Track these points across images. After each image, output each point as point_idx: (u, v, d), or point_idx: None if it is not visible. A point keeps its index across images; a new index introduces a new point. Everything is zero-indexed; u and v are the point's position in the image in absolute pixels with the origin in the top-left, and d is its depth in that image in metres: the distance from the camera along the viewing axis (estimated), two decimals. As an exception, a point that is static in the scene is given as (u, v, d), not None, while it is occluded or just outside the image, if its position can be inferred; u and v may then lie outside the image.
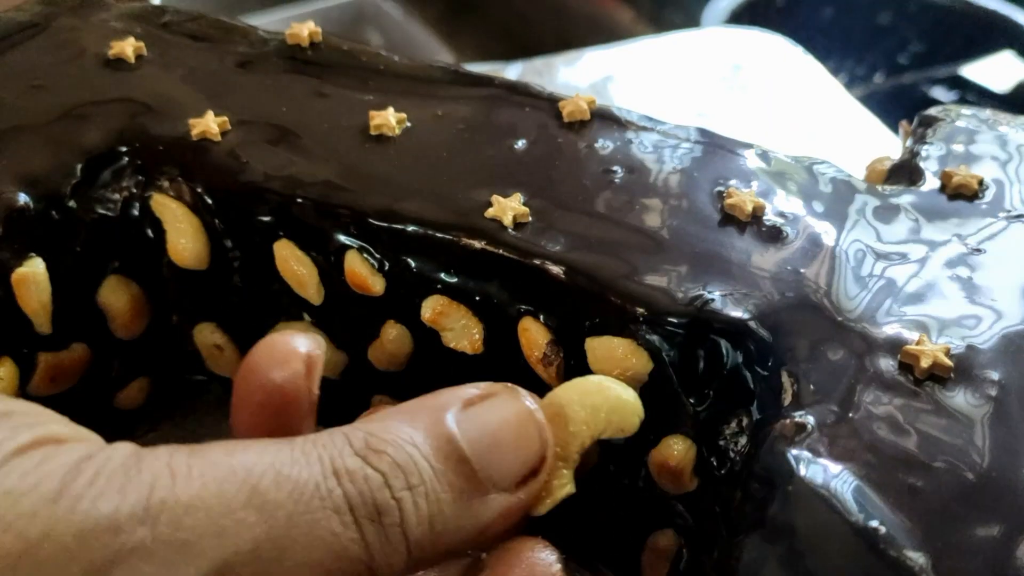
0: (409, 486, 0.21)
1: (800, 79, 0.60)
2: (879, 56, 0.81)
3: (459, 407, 0.22)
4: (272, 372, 0.22)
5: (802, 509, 0.23)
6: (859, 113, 0.57)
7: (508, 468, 0.22)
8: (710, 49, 0.62)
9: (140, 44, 0.35)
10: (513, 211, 0.29)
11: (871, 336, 0.27)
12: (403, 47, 0.84)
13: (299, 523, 0.19)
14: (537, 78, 0.57)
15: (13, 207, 0.30)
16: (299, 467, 0.20)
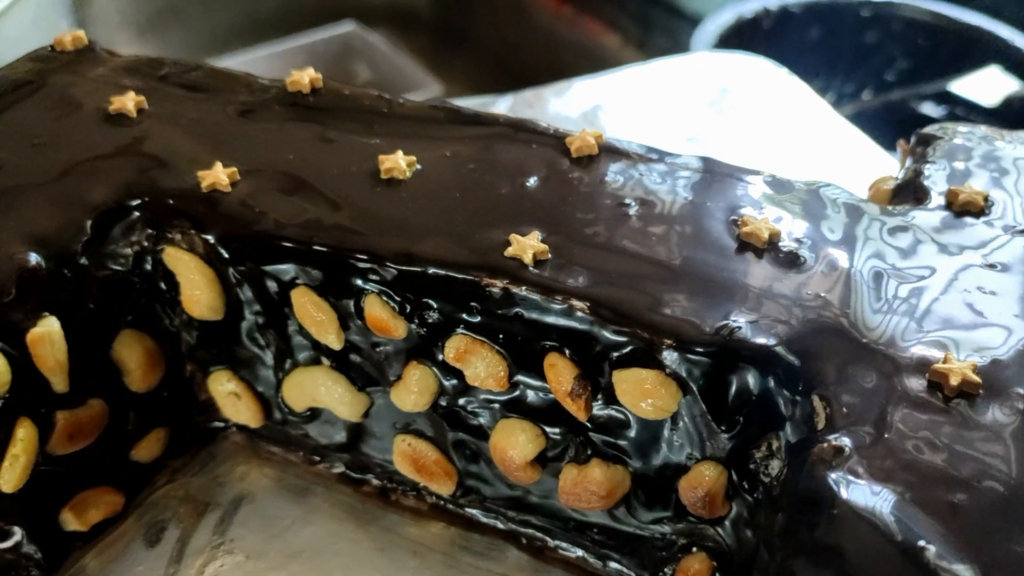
0: None
1: (788, 100, 0.61)
2: (867, 74, 0.82)
3: None
4: None
5: (848, 531, 0.23)
6: (849, 132, 0.58)
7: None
8: (697, 74, 0.63)
9: (141, 98, 0.35)
10: (533, 249, 0.29)
11: (897, 357, 0.27)
12: (392, 80, 0.84)
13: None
14: (528, 110, 0.57)
15: (25, 267, 0.29)
16: None
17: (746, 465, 0.30)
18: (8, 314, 0.29)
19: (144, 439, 0.36)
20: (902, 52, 0.81)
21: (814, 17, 0.82)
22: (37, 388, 0.31)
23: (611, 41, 0.86)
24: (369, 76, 0.88)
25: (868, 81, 0.81)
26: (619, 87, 0.61)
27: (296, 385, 0.34)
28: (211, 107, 0.35)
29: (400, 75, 0.84)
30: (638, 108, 0.59)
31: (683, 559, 0.32)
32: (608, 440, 0.31)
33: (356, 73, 0.89)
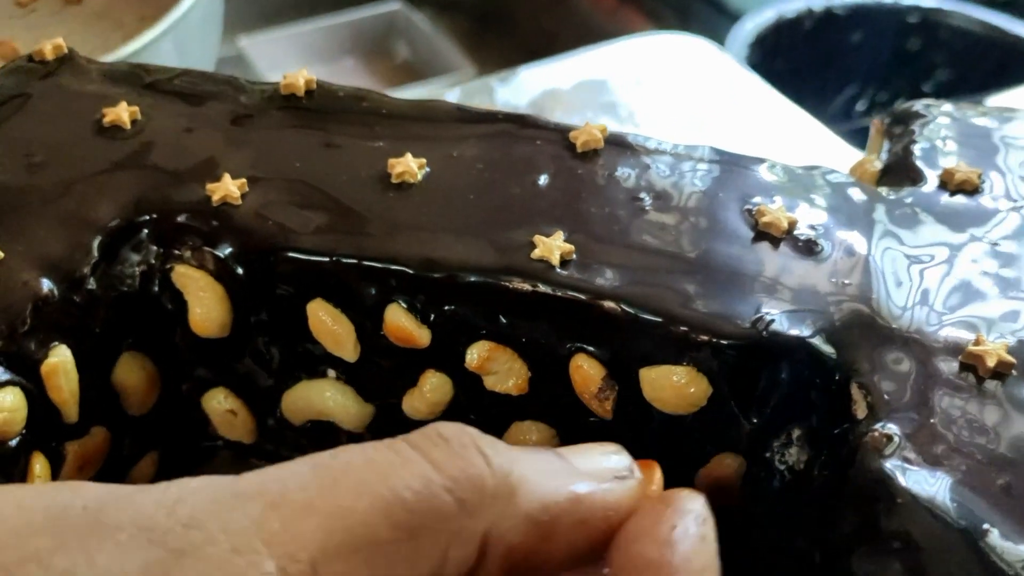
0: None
1: (729, 81, 0.62)
2: (904, 82, 0.81)
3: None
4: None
5: (913, 519, 0.24)
6: (790, 110, 0.59)
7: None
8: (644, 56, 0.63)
9: (134, 108, 0.34)
10: (559, 249, 0.29)
11: (928, 341, 0.28)
12: (427, 60, 0.85)
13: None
14: (476, 98, 0.57)
15: (39, 296, 0.28)
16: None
17: (763, 453, 0.30)
18: (23, 345, 0.28)
19: (139, 463, 0.35)
20: (944, 62, 0.80)
21: (858, 20, 0.80)
22: (48, 420, 0.29)
23: (649, 31, 0.86)
24: (406, 55, 0.89)
25: (904, 90, 0.80)
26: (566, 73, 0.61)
27: (299, 398, 0.33)
28: (206, 115, 0.34)
29: (436, 56, 0.85)
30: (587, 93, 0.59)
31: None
32: (627, 436, 0.31)
33: (395, 52, 0.90)
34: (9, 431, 0.27)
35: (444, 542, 0.20)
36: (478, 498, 0.20)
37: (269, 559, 0.18)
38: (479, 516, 0.20)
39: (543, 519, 0.21)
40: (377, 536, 0.19)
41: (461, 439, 0.21)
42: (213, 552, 0.18)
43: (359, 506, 0.19)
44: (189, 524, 0.18)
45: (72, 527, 0.19)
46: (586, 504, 0.22)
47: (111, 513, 0.19)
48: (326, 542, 0.19)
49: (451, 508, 0.20)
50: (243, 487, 0.19)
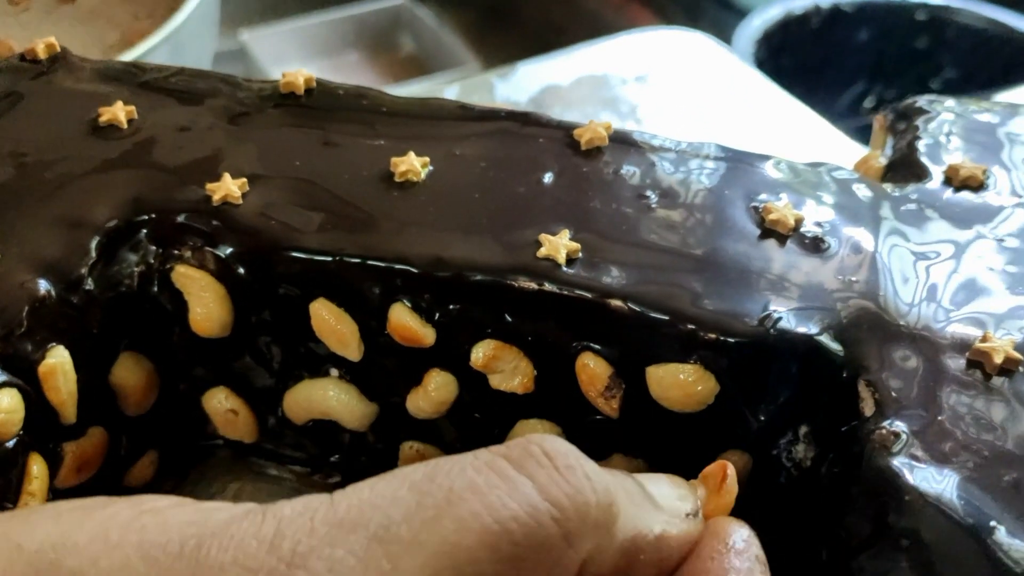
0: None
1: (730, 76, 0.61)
2: (912, 80, 0.81)
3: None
4: None
5: (921, 516, 0.24)
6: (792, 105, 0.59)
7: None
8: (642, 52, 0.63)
9: (131, 108, 0.33)
10: (565, 248, 0.29)
11: (935, 338, 0.28)
12: (433, 54, 0.84)
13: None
14: (474, 96, 0.57)
15: (36, 297, 0.28)
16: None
17: (770, 451, 0.30)
18: (20, 347, 0.27)
19: (137, 464, 0.34)
20: (952, 60, 0.80)
21: (866, 18, 0.80)
22: (46, 421, 0.29)
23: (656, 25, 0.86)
24: (411, 50, 0.88)
25: (912, 88, 0.80)
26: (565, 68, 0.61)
27: (302, 397, 0.33)
28: (203, 113, 0.34)
29: (441, 50, 0.85)
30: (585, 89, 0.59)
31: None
32: (631, 434, 0.31)
33: (400, 46, 0.90)
34: (6, 432, 0.27)
35: (545, 572, 0.20)
36: (581, 527, 0.20)
37: None
38: (580, 546, 0.20)
39: (631, 551, 0.21)
40: (483, 572, 0.19)
41: (567, 459, 0.20)
42: None
43: (466, 542, 0.19)
44: (293, 563, 0.18)
45: (174, 572, 0.18)
46: (666, 542, 0.22)
47: (212, 553, 0.18)
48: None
49: (556, 539, 0.19)
50: (342, 516, 0.19)
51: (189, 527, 0.19)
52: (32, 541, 0.18)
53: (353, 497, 0.19)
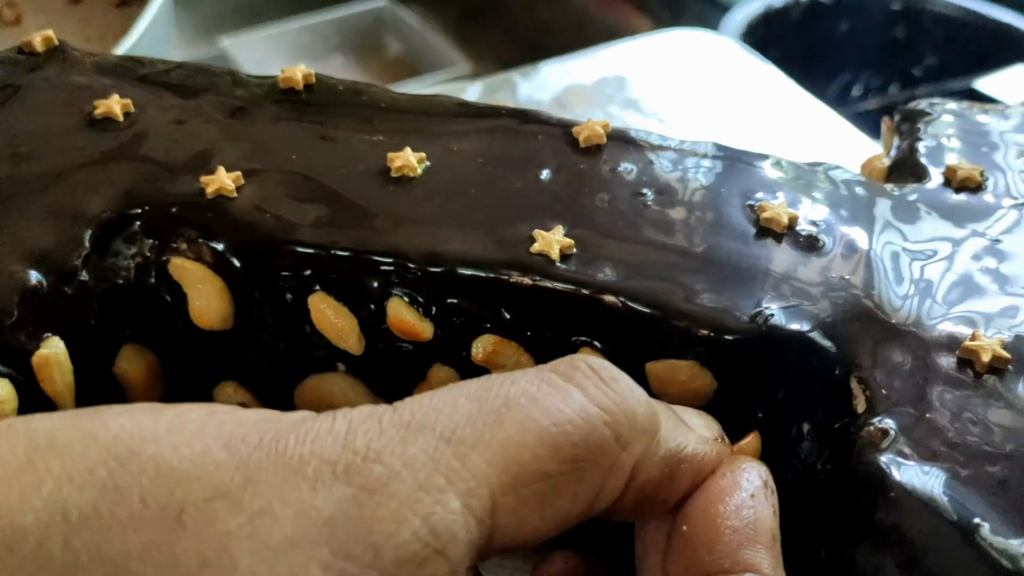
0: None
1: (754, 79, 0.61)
2: (894, 69, 0.83)
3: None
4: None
5: (906, 513, 0.24)
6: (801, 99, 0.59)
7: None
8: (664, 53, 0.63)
9: (127, 101, 0.33)
10: (559, 244, 0.29)
11: (926, 336, 0.28)
12: (421, 56, 0.84)
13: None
14: (498, 94, 0.57)
15: (26, 287, 0.28)
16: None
17: (775, 448, 0.30)
18: (11, 337, 0.28)
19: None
20: (930, 48, 0.82)
21: (844, 10, 0.82)
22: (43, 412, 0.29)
23: (640, 22, 0.86)
24: (398, 52, 0.88)
25: (895, 76, 0.82)
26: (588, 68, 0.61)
27: (311, 392, 0.33)
28: (201, 107, 0.34)
29: (429, 51, 0.85)
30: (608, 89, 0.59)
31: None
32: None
33: (386, 49, 0.90)
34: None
35: (603, 474, 0.21)
36: (631, 432, 0.21)
37: (455, 497, 0.19)
38: (631, 450, 0.21)
39: (673, 461, 0.23)
40: (546, 470, 0.20)
41: (611, 372, 0.22)
42: (401, 490, 0.18)
43: (528, 440, 0.20)
44: (368, 457, 0.19)
45: (255, 460, 0.18)
46: (700, 456, 0.23)
47: (290, 444, 0.19)
48: (501, 477, 0.19)
49: (610, 441, 0.21)
50: (407, 420, 0.20)
51: (265, 423, 0.19)
52: (107, 432, 0.18)
53: (415, 405, 0.20)
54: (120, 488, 0.17)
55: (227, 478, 0.18)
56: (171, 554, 0.16)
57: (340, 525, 0.17)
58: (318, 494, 0.18)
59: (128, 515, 0.17)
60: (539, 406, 0.20)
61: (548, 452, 0.20)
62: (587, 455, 0.20)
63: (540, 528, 0.20)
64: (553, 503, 0.20)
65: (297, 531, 0.17)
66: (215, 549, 0.17)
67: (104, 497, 0.17)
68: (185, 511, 0.17)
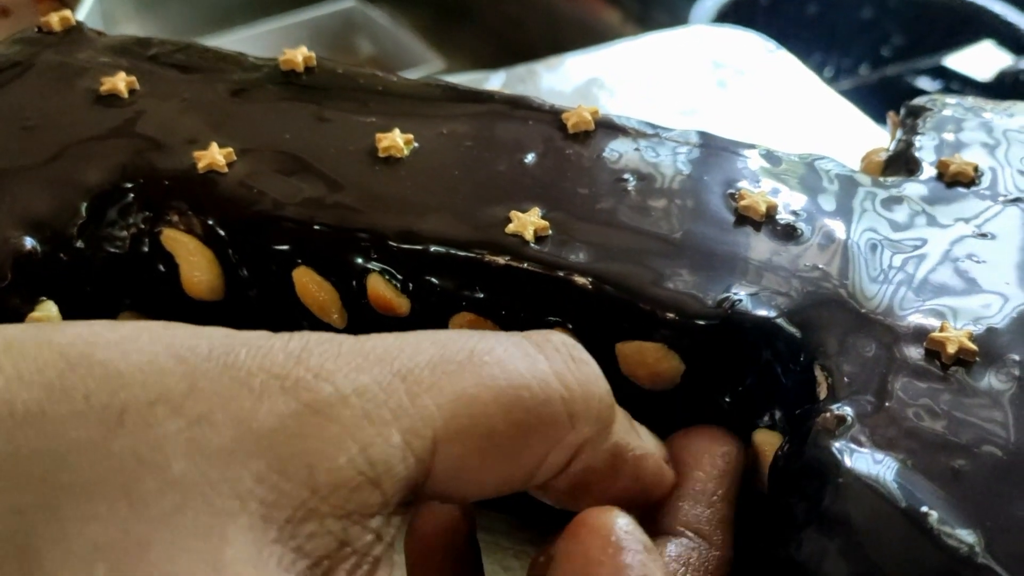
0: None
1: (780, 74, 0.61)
2: (863, 49, 0.83)
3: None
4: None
5: (854, 500, 0.24)
6: (841, 106, 0.58)
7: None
8: (689, 48, 0.63)
9: (132, 78, 0.35)
10: (533, 225, 0.30)
11: (895, 326, 0.28)
12: (394, 55, 0.84)
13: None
14: (521, 86, 0.58)
15: (20, 252, 0.29)
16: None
17: (749, 434, 0.30)
18: (5, 300, 0.29)
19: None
20: (897, 27, 0.81)
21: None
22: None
23: (611, 16, 0.86)
24: (371, 52, 0.88)
25: (865, 56, 0.82)
26: (612, 61, 0.61)
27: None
28: (203, 87, 0.35)
29: (402, 50, 0.85)
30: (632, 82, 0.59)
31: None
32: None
33: (358, 49, 0.89)
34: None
35: (548, 446, 0.21)
36: (585, 413, 0.21)
37: (397, 432, 0.19)
38: (580, 430, 0.21)
39: (619, 457, 0.23)
40: (494, 428, 0.20)
41: (580, 353, 0.22)
42: (345, 415, 0.18)
43: (482, 395, 0.20)
44: (319, 375, 0.19)
45: (201, 370, 0.18)
46: (644, 463, 0.24)
47: (240, 357, 0.19)
48: (448, 424, 0.19)
49: (562, 416, 0.21)
50: (368, 350, 0.20)
51: (220, 337, 0.19)
52: (63, 337, 0.18)
53: (379, 339, 0.20)
54: (66, 388, 0.17)
55: (172, 384, 0.18)
56: (107, 450, 0.17)
57: (279, 440, 0.18)
58: (262, 406, 0.18)
59: (70, 412, 0.17)
60: (501, 366, 0.20)
61: (499, 411, 0.20)
62: (537, 423, 0.20)
63: (478, 483, 0.20)
64: (494, 462, 0.20)
65: (235, 440, 0.17)
66: (150, 449, 0.17)
67: (50, 395, 0.17)
68: (126, 412, 0.17)
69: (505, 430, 0.20)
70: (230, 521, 0.17)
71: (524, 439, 0.20)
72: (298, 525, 0.17)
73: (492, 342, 0.21)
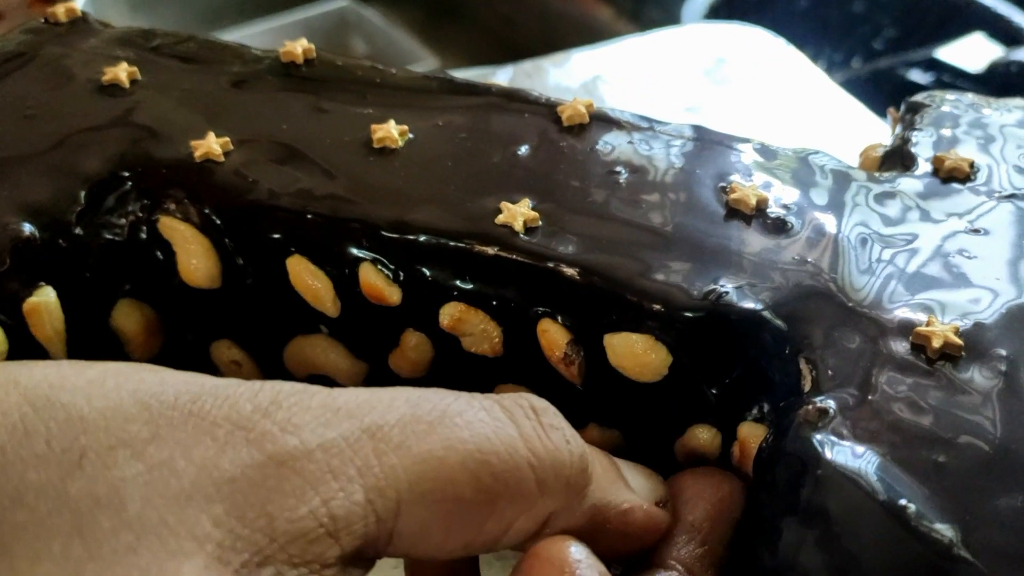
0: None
1: (783, 70, 0.61)
2: (856, 42, 0.83)
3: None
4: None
5: (833, 492, 0.24)
6: (844, 101, 0.58)
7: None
8: (693, 44, 0.63)
9: (133, 69, 0.35)
10: (523, 216, 0.30)
11: (882, 320, 0.28)
12: (388, 54, 0.84)
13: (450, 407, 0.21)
14: (527, 81, 0.58)
15: (19, 238, 0.30)
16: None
17: (736, 426, 0.30)
18: (4, 285, 0.29)
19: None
20: (889, 20, 0.81)
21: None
22: (35, 358, 0.31)
23: (604, 13, 0.86)
24: (366, 50, 0.88)
25: (857, 49, 0.82)
26: (617, 58, 0.61)
27: (297, 352, 0.34)
28: (204, 78, 0.36)
29: (396, 49, 0.85)
30: (636, 78, 0.59)
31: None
32: (602, 404, 0.32)
33: (353, 48, 0.89)
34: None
35: (515, 513, 0.21)
36: (555, 481, 0.21)
37: (361, 490, 0.19)
38: (552, 498, 0.21)
39: (598, 518, 0.23)
40: (460, 493, 0.20)
41: (552, 419, 0.22)
42: (309, 468, 0.18)
43: (449, 460, 0.20)
44: (286, 428, 0.19)
45: (165, 417, 0.18)
46: (631, 517, 0.23)
47: (205, 407, 0.19)
48: (413, 486, 0.19)
49: (530, 485, 0.21)
50: (340, 404, 0.20)
51: (186, 384, 0.19)
52: (30, 379, 0.19)
53: (351, 394, 0.20)
54: (29, 431, 0.18)
55: (134, 430, 0.18)
56: (64, 492, 0.17)
57: (240, 487, 0.18)
58: (225, 455, 0.18)
59: (31, 455, 0.17)
60: (471, 430, 0.20)
61: (465, 477, 0.20)
62: (503, 491, 0.20)
63: (443, 546, 0.20)
64: (459, 526, 0.20)
65: (195, 485, 0.17)
66: (108, 491, 0.17)
67: (12, 437, 0.18)
68: (86, 456, 0.17)
69: (471, 496, 0.20)
70: (185, 560, 0.17)
71: (490, 505, 0.20)
72: (254, 570, 0.17)
73: (463, 404, 0.21)
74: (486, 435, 0.20)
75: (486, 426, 0.21)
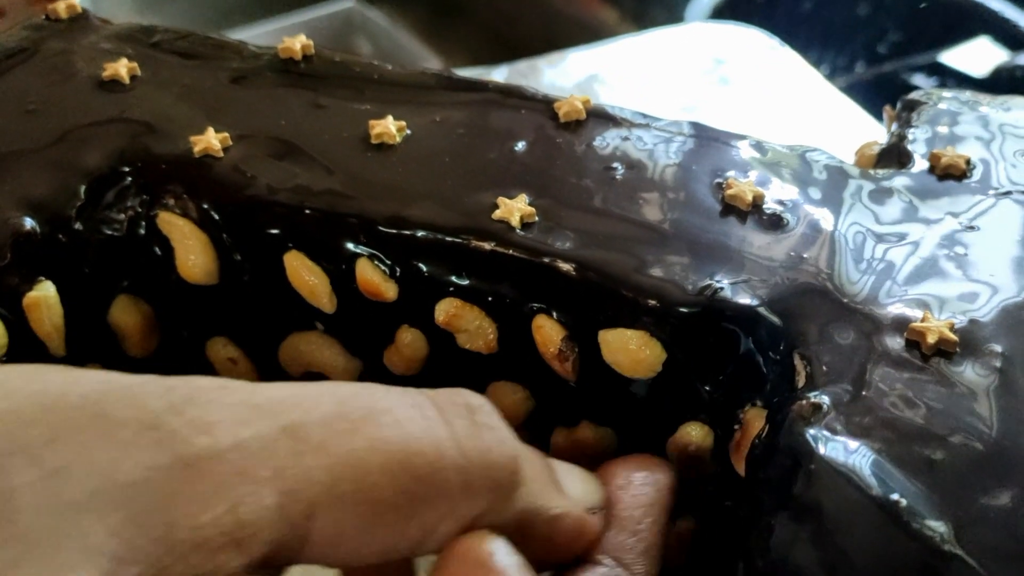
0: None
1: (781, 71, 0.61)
2: (859, 46, 0.83)
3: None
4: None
5: (825, 487, 0.24)
6: (840, 101, 0.58)
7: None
8: (691, 45, 0.63)
9: (133, 65, 0.35)
10: (520, 212, 0.30)
11: (877, 316, 0.28)
12: (392, 54, 0.84)
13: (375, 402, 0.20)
14: (522, 81, 0.58)
15: (20, 232, 0.30)
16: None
17: (731, 425, 0.30)
18: (4, 279, 0.29)
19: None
20: (894, 24, 0.81)
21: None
22: (35, 352, 0.31)
23: (607, 14, 0.86)
24: (370, 51, 0.88)
25: (861, 53, 0.82)
26: (614, 58, 0.62)
27: (292, 349, 0.34)
28: (203, 73, 0.36)
29: (400, 50, 0.85)
30: (633, 78, 0.60)
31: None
32: (596, 401, 0.32)
33: (358, 48, 0.89)
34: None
35: (439, 516, 0.20)
36: (483, 484, 0.20)
37: (272, 492, 0.18)
38: (478, 500, 0.20)
39: (525, 523, 0.22)
40: (380, 496, 0.19)
41: (486, 418, 0.21)
42: (218, 471, 0.17)
43: (372, 461, 0.19)
44: (198, 427, 0.18)
45: (68, 419, 0.17)
46: (560, 524, 0.22)
47: (113, 406, 0.18)
48: (331, 488, 0.18)
49: (454, 487, 0.20)
50: (259, 401, 0.19)
51: (96, 384, 0.18)
52: None
53: (275, 390, 0.19)
54: None
55: (34, 435, 0.17)
56: None
57: (141, 493, 0.17)
58: (129, 458, 0.17)
59: None
60: (397, 429, 0.19)
61: (386, 478, 0.19)
62: (426, 492, 0.19)
63: (359, 551, 0.19)
64: (377, 530, 0.19)
65: (92, 492, 0.16)
66: (0, 501, 0.16)
67: None
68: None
69: (391, 498, 0.19)
70: (72, 575, 0.16)
71: (411, 508, 0.19)
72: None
73: (393, 401, 0.20)
74: (413, 434, 0.19)
75: (414, 424, 0.20)
